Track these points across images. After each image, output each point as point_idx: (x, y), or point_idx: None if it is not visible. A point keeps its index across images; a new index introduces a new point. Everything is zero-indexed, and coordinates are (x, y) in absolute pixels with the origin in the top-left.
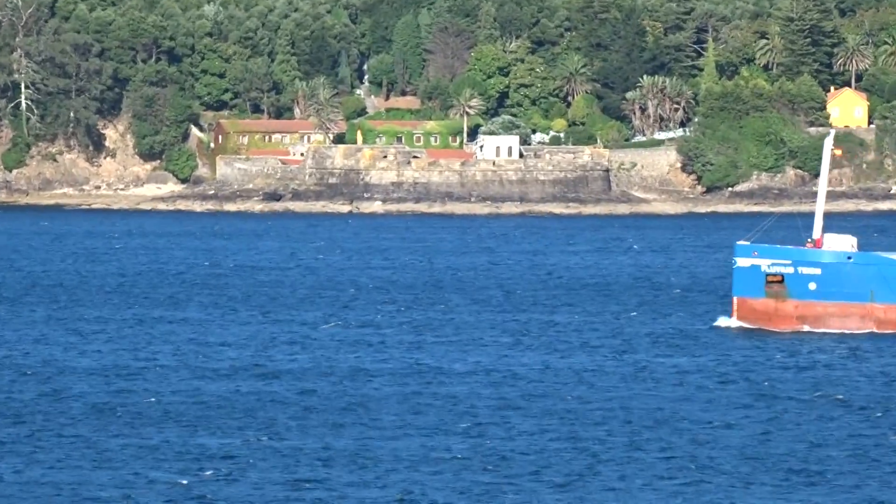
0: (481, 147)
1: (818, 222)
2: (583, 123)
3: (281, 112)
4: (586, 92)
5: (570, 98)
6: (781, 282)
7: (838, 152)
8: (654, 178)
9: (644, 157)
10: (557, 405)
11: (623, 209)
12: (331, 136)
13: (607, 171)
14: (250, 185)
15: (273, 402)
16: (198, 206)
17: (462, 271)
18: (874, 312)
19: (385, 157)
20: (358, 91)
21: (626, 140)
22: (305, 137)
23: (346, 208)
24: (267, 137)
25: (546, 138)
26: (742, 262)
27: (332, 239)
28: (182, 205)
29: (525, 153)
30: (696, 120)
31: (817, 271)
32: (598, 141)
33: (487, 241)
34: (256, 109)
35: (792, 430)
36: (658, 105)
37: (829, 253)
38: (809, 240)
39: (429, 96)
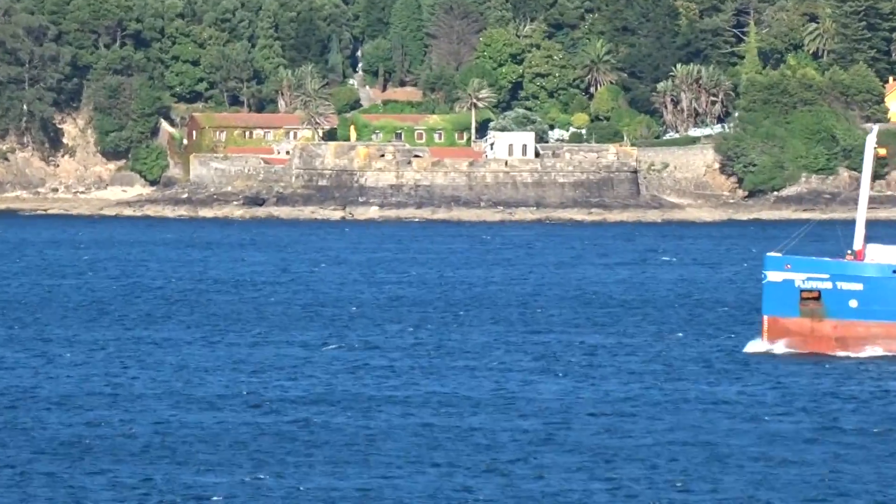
0: (492, 145)
1: (860, 231)
2: (607, 118)
3: (263, 105)
4: (611, 82)
5: (592, 89)
6: (818, 299)
7: (882, 151)
8: (688, 180)
9: (677, 156)
10: (591, 439)
11: (653, 216)
12: (320, 133)
13: (635, 172)
14: (229, 188)
15: (267, 435)
16: (169, 212)
17: (477, 286)
18: None
19: (382, 156)
20: (351, 81)
21: (657, 137)
22: (291, 133)
23: (337, 214)
24: (247, 133)
25: (565, 135)
26: (773, 276)
27: (326, 249)
28: (151, 210)
29: (541, 152)
30: (737, 114)
31: (859, 287)
32: (625, 138)
33: (503, 251)
34: (235, 101)
35: (860, 467)
36: (693, 97)
37: (873, 266)
38: (850, 251)
39: (431, 87)
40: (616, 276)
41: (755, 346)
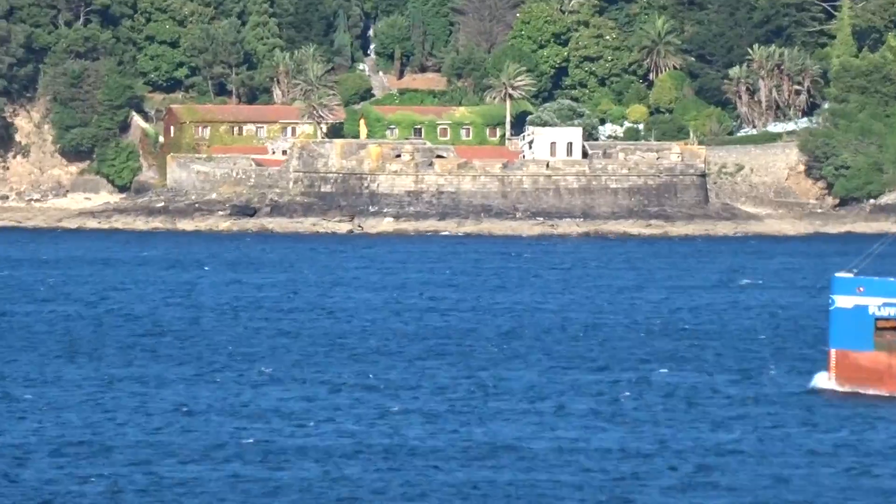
0: (530, 143)
1: None
2: (669, 111)
3: (255, 95)
4: (674, 67)
5: (651, 76)
6: None
7: None
8: (767, 185)
9: (754, 157)
10: (675, 497)
11: (725, 229)
12: (324, 128)
13: (703, 176)
14: (213, 195)
15: (284, 490)
16: (142, 224)
17: (526, 313)
18: None
19: (398, 156)
20: (361, 66)
21: (730, 134)
22: (289, 130)
23: (344, 227)
24: (236, 129)
25: (619, 131)
26: (842, 301)
27: (334, 268)
28: (120, 222)
29: (590, 152)
30: (826, 106)
31: None
32: (691, 135)
33: (548, 272)
34: (222, 91)
35: None
36: (773, 86)
37: None
38: None
39: (458, 73)
40: (690, 302)
41: (821, 383)
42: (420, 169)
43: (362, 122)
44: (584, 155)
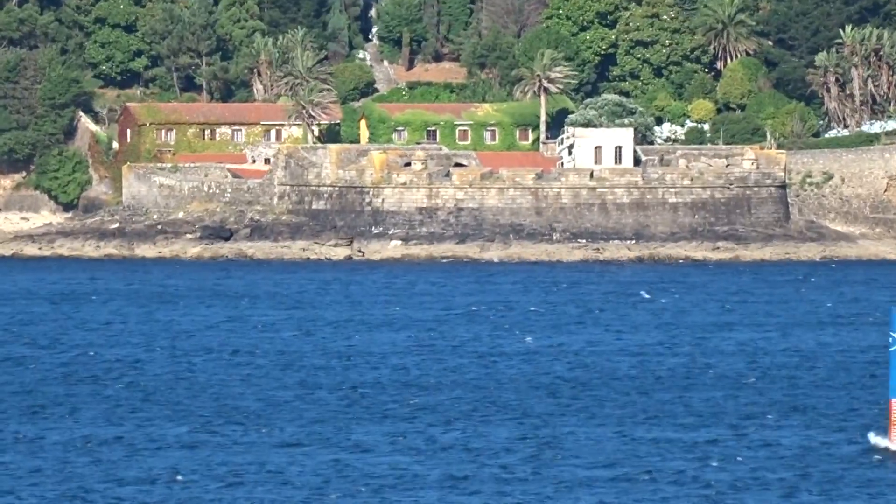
0: (570, 148)
1: None
2: (742, 108)
3: (231, 91)
4: (747, 53)
5: (719, 65)
6: None
7: None
8: (862, 198)
9: (845, 163)
10: None
11: (809, 252)
12: (316, 131)
13: (783, 187)
14: (180, 214)
15: None
16: (92, 250)
17: (584, 357)
18: None
19: (408, 164)
20: (361, 54)
21: (816, 135)
22: (273, 133)
23: (341, 252)
24: (208, 133)
25: (680, 132)
26: None
27: (352, 302)
28: (65, 247)
29: (644, 158)
30: None
31: None
32: (769, 137)
33: (602, 305)
34: (190, 86)
35: None
36: (869, 76)
37: None
38: None
39: (481, 63)
40: (790, 342)
41: (881, 443)
42: (434, 180)
43: (363, 123)
44: (637, 162)
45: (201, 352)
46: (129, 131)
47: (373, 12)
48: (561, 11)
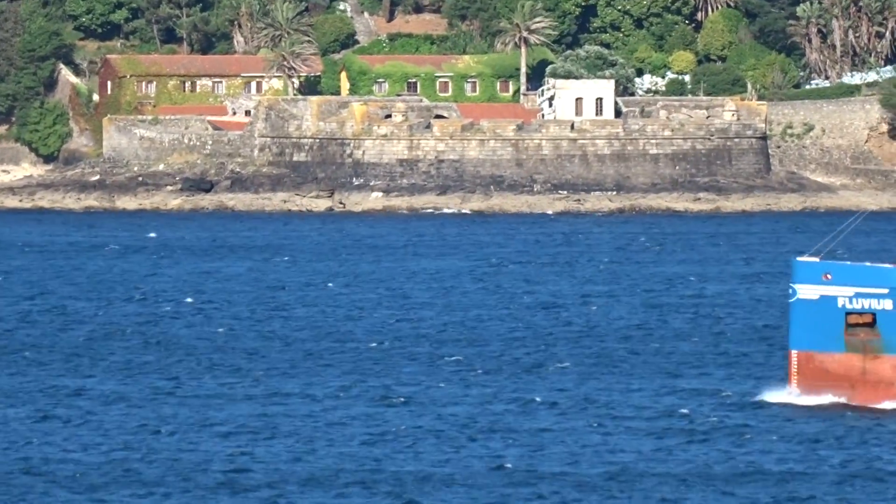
0: (551, 100)
1: None
2: (723, 59)
3: (212, 42)
4: (728, 5)
5: (699, 15)
6: (873, 324)
7: None
8: (842, 149)
9: (826, 114)
10: None
11: (790, 202)
12: (296, 83)
13: (764, 138)
14: (161, 166)
15: None
16: (73, 202)
17: (572, 311)
18: None
19: (388, 116)
20: (342, 6)
21: (797, 87)
22: (253, 85)
23: (322, 204)
24: (188, 85)
25: (661, 84)
26: (805, 290)
27: (323, 255)
28: (46, 199)
29: (625, 110)
30: None
31: None
32: (749, 88)
33: (594, 255)
34: (170, 38)
35: None
36: (849, 26)
37: None
38: None
39: (461, 14)
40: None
41: (779, 394)
42: (415, 132)
43: (344, 75)
44: (618, 114)
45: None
46: (109, 83)
47: None
48: None
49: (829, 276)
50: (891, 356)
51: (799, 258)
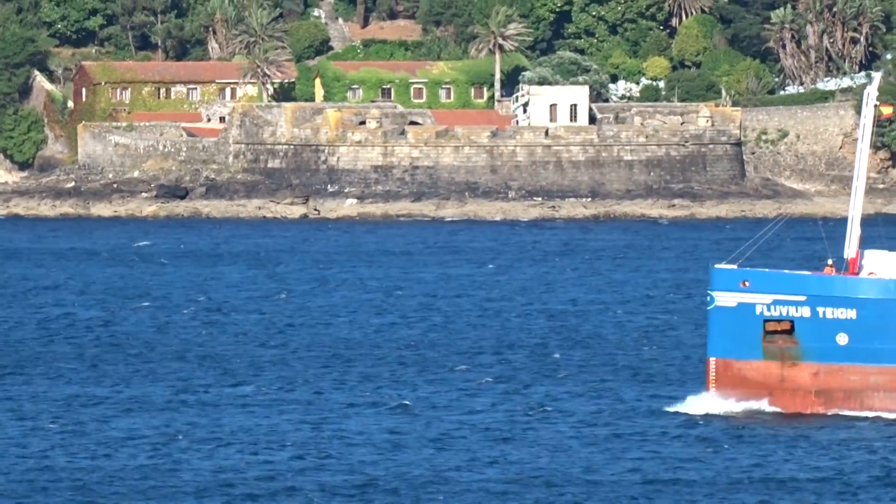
0: (525, 106)
1: (853, 231)
2: (697, 65)
3: (186, 49)
4: (702, 10)
5: (674, 21)
6: (791, 332)
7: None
8: (817, 156)
9: (801, 120)
10: None
11: (765, 209)
12: (270, 89)
13: (739, 144)
14: (135, 173)
15: None
16: (47, 209)
17: (566, 315)
18: None
19: (363, 123)
20: (316, 12)
21: (771, 92)
22: (227, 91)
23: (297, 210)
24: (163, 91)
25: (635, 90)
26: (723, 298)
27: (311, 261)
28: (21, 206)
29: (599, 116)
30: (889, 57)
31: (851, 314)
32: (724, 94)
33: (582, 262)
34: (145, 44)
35: None
36: (824, 32)
37: (872, 283)
38: (830, 260)
39: (436, 20)
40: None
41: (697, 402)
42: (389, 139)
43: (318, 81)
44: (592, 120)
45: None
46: (84, 90)
47: None
48: None
49: (746, 284)
50: (809, 363)
51: (717, 265)
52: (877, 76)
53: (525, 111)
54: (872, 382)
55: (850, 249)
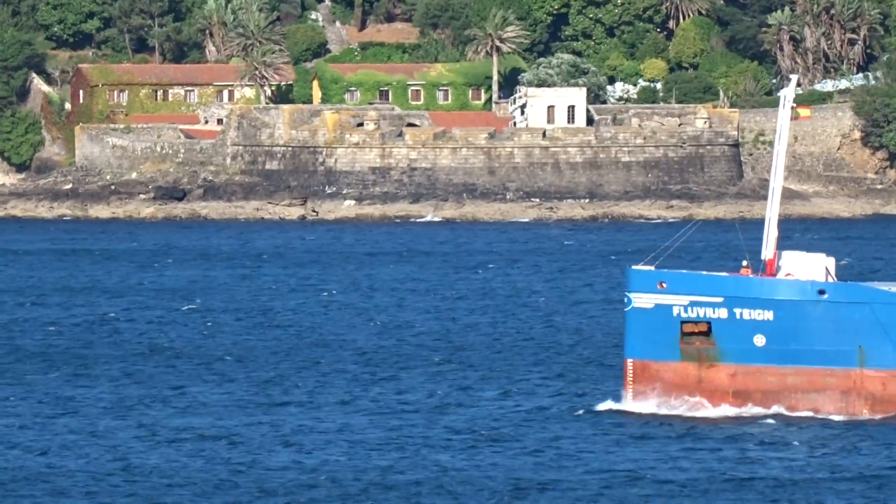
0: (523, 108)
1: (770, 232)
2: (695, 67)
3: (184, 52)
4: (700, 13)
5: (671, 23)
6: (708, 333)
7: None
8: (815, 157)
9: (799, 121)
10: None
11: (763, 210)
12: (268, 92)
13: (736, 145)
14: (133, 175)
15: None
16: (45, 210)
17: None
18: (865, 384)
19: (360, 125)
20: (314, 15)
21: (768, 94)
22: (225, 93)
23: (295, 212)
24: (161, 94)
25: (633, 92)
26: (640, 299)
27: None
28: (19, 208)
29: (597, 118)
30: (885, 59)
31: (768, 315)
32: (722, 96)
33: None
34: (142, 47)
35: None
36: (822, 35)
37: (789, 284)
38: (745, 263)
39: (433, 23)
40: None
41: (613, 403)
42: (387, 140)
43: (316, 83)
44: (590, 122)
45: None
46: (81, 92)
47: None
48: None
49: (664, 285)
50: (726, 365)
51: (634, 267)
52: (794, 78)
53: (523, 113)
54: (790, 383)
55: (768, 251)
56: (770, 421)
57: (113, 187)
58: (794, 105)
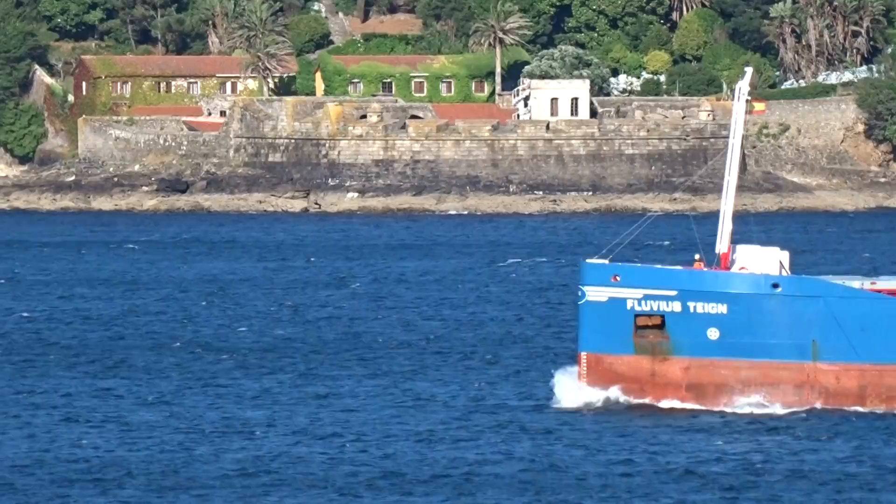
0: (526, 100)
1: (724, 225)
2: (698, 59)
3: (187, 43)
4: (703, 5)
5: (675, 15)
6: (662, 326)
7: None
8: (818, 150)
9: (802, 114)
10: None
11: (766, 203)
12: (271, 83)
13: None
14: (136, 167)
15: None
16: (48, 202)
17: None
18: (818, 378)
19: (364, 117)
20: (316, 6)
21: (772, 87)
22: (228, 85)
23: (298, 204)
24: (164, 85)
25: (636, 84)
26: (594, 293)
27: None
28: (21, 200)
29: (601, 110)
30: (890, 51)
31: (722, 309)
32: (725, 88)
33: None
34: (145, 38)
35: None
36: (825, 27)
37: (743, 277)
38: (698, 256)
39: (436, 14)
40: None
41: (567, 396)
42: (390, 132)
43: (319, 75)
44: (593, 114)
45: None
46: (84, 84)
47: None
48: None
49: (617, 279)
50: (680, 358)
51: (587, 260)
52: (749, 70)
53: (526, 105)
54: (743, 377)
55: (722, 244)
56: (722, 415)
57: (116, 179)
58: (749, 98)
